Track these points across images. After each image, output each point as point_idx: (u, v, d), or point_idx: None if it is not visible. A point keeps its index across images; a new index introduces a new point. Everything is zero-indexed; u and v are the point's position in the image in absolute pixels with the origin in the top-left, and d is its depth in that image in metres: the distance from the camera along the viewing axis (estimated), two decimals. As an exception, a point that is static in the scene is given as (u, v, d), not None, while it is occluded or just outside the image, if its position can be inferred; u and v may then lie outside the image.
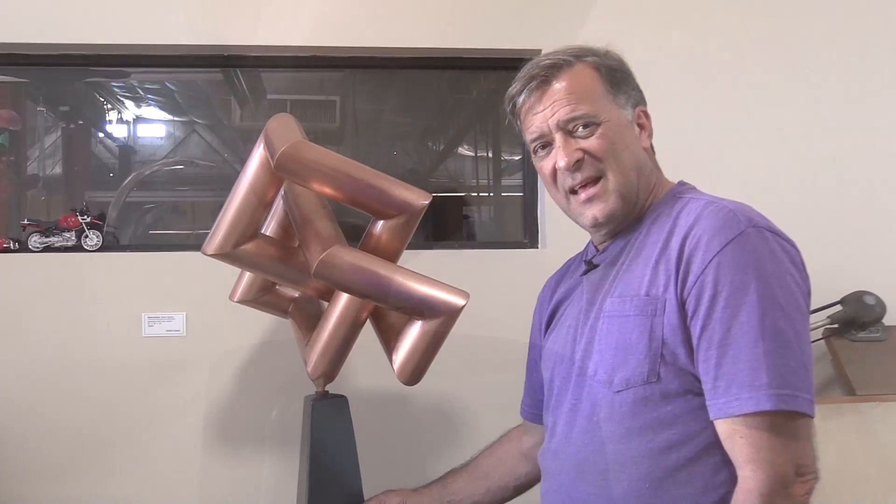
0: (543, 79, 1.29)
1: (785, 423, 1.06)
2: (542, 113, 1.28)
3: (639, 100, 1.35)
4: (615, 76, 1.30)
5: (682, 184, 1.35)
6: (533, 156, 1.35)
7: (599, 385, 1.21)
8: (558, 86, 1.27)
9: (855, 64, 2.39)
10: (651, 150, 1.35)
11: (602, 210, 1.26)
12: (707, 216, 1.17)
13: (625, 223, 1.31)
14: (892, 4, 2.42)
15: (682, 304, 1.14)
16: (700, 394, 1.14)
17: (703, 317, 1.11)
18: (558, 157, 1.26)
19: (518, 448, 1.62)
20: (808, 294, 1.17)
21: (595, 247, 1.39)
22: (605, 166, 1.25)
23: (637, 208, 1.31)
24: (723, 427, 1.09)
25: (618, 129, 1.27)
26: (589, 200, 1.26)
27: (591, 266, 1.34)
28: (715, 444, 1.12)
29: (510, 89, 1.36)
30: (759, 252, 1.12)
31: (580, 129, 1.26)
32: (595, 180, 1.26)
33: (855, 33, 2.40)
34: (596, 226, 1.29)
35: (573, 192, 1.28)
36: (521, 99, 1.32)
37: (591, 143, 1.25)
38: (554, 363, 1.35)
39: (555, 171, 1.28)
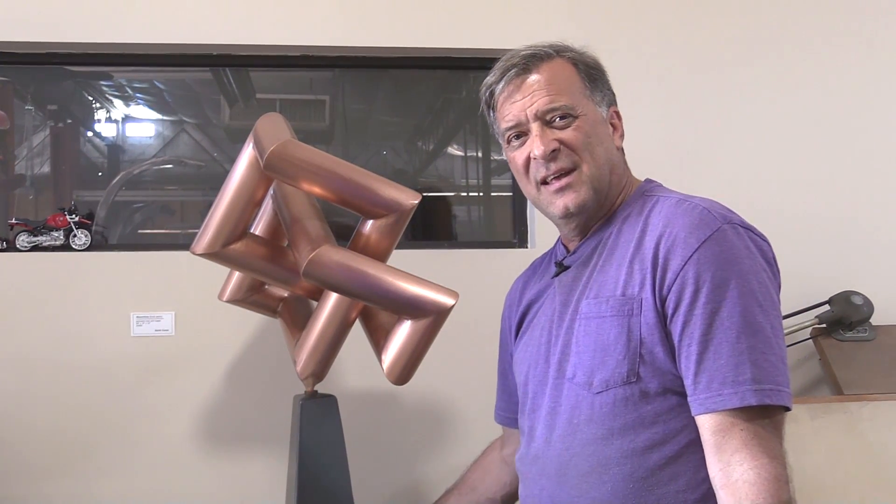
0: (523, 67, 1.28)
1: (770, 417, 1.07)
2: (521, 102, 1.27)
3: (612, 100, 1.34)
4: (592, 73, 1.31)
5: (648, 181, 1.35)
6: (505, 146, 1.33)
7: (578, 387, 1.21)
8: (537, 76, 1.27)
9: (843, 66, 2.41)
10: (622, 151, 1.34)
11: (574, 200, 1.25)
12: (681, 214, 1.17)
13: (595, 218, 1.30)
14: (880, 7, 2.44)
15: (660, 303, 1.14)
16: (679, 392, 1.14)
17: (683, 313, 1.11)
18: (534, 146, 1.25)
19: (500, 456, 1.61)
20: (778, 289, 1.19)
21: (565, 247, 1.39)
22: (580, 159, 1.25)
23: (607, 204, 1.30)
24: (711, 421, 1.09)
25: (594, 124, 1.27)
26: (561, 190, 1.25)
27: (562, 268, 1.34)
28: (697, 441, 1.13)
29: (487, 78, 1.34)
30: (736, 248, 1.12)
31: (557, 119, 1.25)
32: (568, 172, 1.26)
33: (843, 37, 2.41)
34: (566, 216, 1.28)
35: (545, 182, 1.27)
36: (499, 87, 1.31)
37: (568, 134, 1.24)
38: (528, 366, 1.34)
39: (528, 161, 1.27)
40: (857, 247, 2.35)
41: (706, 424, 1.10)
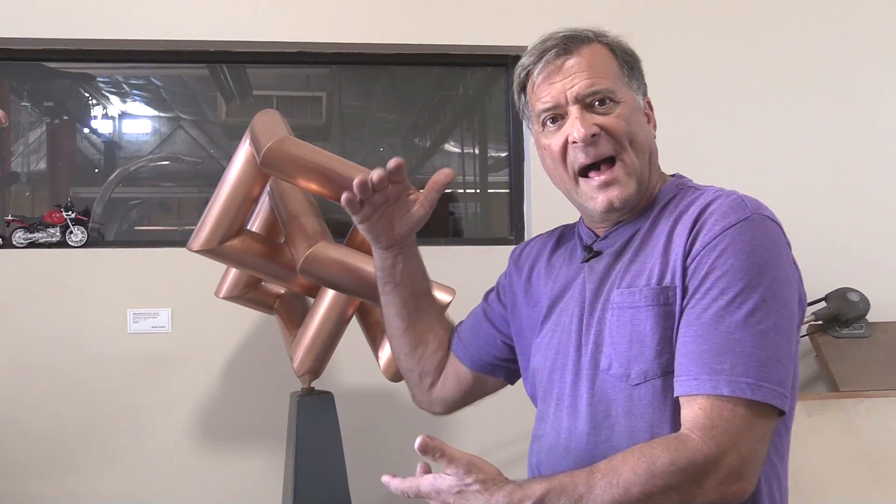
0: (564, 49, 1.22)
1: (743, 412, 1.03)
2: (560, 84, 1.21)
3: (646, 90, 1.29)
4: (629, 60, 1.26)
5: (680, 176, 1.31)
6: (538, 132, 1.26)
7: (615, 379, 1.17)
8: (578, 59, 1.21)
9: (844, 68, 2.41)
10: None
11: (619, 195, 1.19)
12: (716, 202, 1.14)
13: (634, 211, 1.28)
14: (884, 11, 2.44)
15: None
16: None
17: (691, 294, 1.10)
18: (573, 129, 1.18)
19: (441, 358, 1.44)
20: (800, 287, 1.16)
21: (591, 231, 1.34)
22: (621, 147, 1.19)
23: (646, 195, 1.27)
24: (683, 400, 1.08)
25: (633, 112, 1.22)
26: (605, 185, 1.19)
27: (593, 253, 1.30)
28: None
29: (523, 59, 1.28)
30: (759, 239, 1.09)
31: (597, 104, 1.20)
32: (609, 162, 1.20)
33: (842, 38, 2.42)
34: (609, 211, 1.21)
35: (584, 175, 1.24)
36: (537, 68, 1.24)
37: (610, 120, 1.19)
38: (556, 353, 1.29)
39: (565, 147, 1.21)
40: (854, 244, 2.35)
41: (682, 402, 1.08)
